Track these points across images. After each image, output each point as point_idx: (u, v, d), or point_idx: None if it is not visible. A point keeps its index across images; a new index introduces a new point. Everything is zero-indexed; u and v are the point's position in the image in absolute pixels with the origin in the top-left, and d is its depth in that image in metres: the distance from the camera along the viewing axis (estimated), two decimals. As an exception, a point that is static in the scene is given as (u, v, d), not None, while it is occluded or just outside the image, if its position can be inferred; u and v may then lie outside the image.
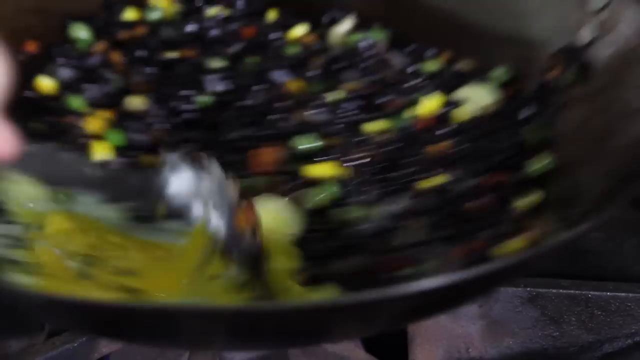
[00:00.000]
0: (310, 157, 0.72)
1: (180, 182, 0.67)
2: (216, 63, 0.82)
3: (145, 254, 0.64)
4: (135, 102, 0.80)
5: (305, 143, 0.73)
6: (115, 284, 0.61)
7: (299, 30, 0.89)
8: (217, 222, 0.64)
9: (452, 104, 0.79)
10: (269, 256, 0.63)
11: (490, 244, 0.62)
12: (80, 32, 0.88)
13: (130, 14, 0.90)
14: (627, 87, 0.74)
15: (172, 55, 0.84)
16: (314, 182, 0.70)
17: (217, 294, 0.61)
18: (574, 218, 0.63)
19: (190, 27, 0.87)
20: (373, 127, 0.75)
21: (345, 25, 0.90)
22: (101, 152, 0.78)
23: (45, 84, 0.83)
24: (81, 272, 0.62)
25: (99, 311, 0.48)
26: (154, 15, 0.89)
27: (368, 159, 0.71)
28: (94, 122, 0.79)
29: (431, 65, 0.85)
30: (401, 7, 0.93)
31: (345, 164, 0.71)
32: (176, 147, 0.77)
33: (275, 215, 0.67)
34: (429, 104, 0.78)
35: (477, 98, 0.81)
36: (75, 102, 0.80)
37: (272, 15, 0.93)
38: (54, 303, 0.49)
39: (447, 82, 0.83)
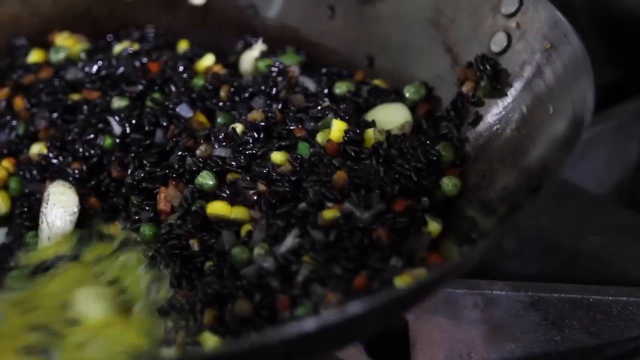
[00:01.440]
0: (212, 194, 0.70)
1: None
2: (119, 102, 0.79)
3: None
4: (37, 150, 0.77)
5: (205, 180, 0.70)
6: None
7: (207, 61, 0.86)
8: None
9: (364, 125, 0.76)
10: None
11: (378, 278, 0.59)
12: (-17, 81, 0.85)
13: (35, 56, 0.88)
14: (540, 97, 0.72)
15: (75, 97, 0.81)
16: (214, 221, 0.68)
17: None
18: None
19: (95, 67, 0.84)
20: (277, 157, 0.72)
21: (255, 51, 0.88)
22: (2, 203, 0.76)
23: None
24: None
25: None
26: (58, 56, 0.86)
27: (269, 193, 0.68)
28: (-4, 173, 0.77)
29: (343, 87, 0.82)
30: (315, 29, 0.91)
31: (245, 201, 0.68)
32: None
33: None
34: (340, 127, 0.75)
35: (391, 117, 0.79)
36: (-22, 153, 0.78)
37: (183, 45, 0.91)
38: None
39: (360, 103, 0.80)
